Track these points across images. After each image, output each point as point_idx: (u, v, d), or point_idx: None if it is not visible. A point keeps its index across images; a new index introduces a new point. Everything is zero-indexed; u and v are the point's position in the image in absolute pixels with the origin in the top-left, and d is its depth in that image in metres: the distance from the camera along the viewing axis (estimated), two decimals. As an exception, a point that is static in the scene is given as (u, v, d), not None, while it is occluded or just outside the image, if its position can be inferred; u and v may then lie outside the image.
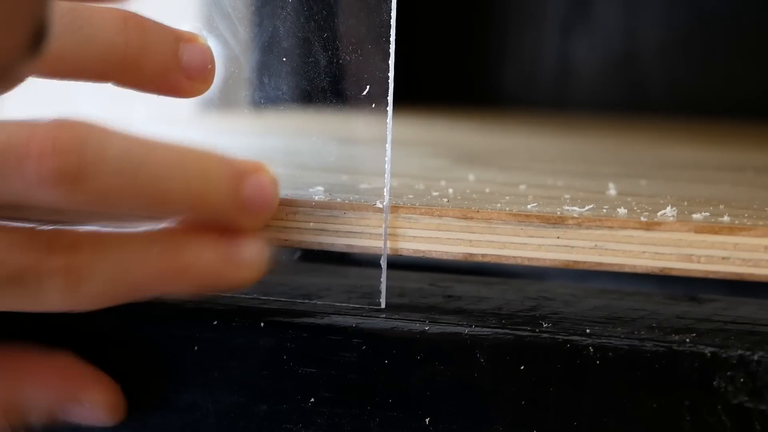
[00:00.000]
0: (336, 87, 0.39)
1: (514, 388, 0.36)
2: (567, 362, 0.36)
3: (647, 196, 0.44)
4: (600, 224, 0.37)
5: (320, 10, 0.39)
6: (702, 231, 0.36)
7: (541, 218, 0.37)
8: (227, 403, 0.39)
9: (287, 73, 0.40)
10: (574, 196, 0.43)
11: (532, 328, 0.37)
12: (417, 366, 0.37)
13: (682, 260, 0.36)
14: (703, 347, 0.35)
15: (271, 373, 0.38)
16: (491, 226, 0.38)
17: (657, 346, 0.35)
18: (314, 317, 0.38)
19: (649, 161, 0.66)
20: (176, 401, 0.39)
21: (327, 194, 0.40)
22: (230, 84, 0.42)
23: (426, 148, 0.68)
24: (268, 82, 0.41)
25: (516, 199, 0.41)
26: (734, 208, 0.41)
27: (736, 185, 0.53)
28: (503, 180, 0.50)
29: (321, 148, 0.41)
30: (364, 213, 0.39)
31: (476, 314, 0.39)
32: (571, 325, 0.37)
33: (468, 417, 0.37)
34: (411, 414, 0.37)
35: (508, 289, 0.43)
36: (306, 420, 0.38)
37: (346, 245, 0.39)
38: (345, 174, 0.43)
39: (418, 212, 0.38)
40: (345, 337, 0.38)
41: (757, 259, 0.36)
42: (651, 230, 0.37)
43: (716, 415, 0.35)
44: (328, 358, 0.38)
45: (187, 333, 0.39)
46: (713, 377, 0.35)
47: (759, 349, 0.35)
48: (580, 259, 0.37)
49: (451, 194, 0.42)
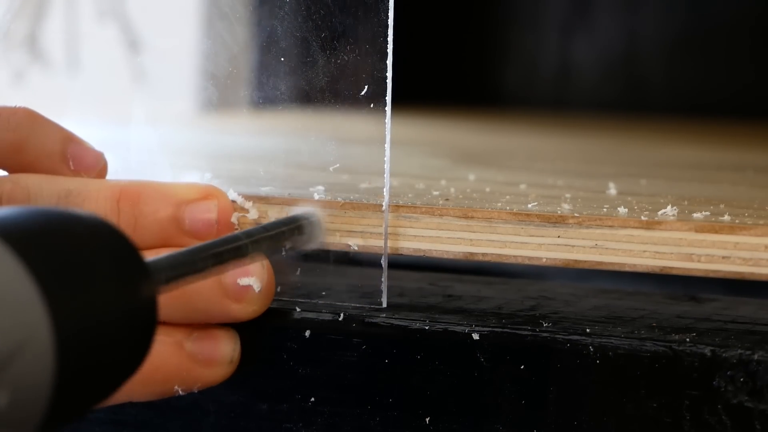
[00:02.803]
0: (334, 87, 0.39)
1: (514, 387, 0.36)
2: (567, 362, 0.36)
3: (647, 196, 0.44)
4: (600, 223, 0.37)
5: (318, 10, 0.39)
6: (702, 230, 0.36)
7: (542, 217, 0.37)
8: (228, 402, 0.39)
9: (286, 73, 0.40)
10: (575, 195, 0.43)
11: (532, 327, 0.37)
12: (417, 365, 0.37)
13: (682, 259, 0.36)
14: (703, 347, 0.35)
15: (271, 372, 0.38)
16: (492, 225, 0.38)
17: (657, 346, 0.35)
18: (315, 316, 0.38)
19: (649, 161, 0.66)
20: (175, 404, 0.39)
21: (327, 193, 0.40)
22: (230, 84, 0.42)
23: (426, 148, 0.68)
24: (266, 82, 0.40)
25: (516, 199, 0.41)
26: (734, 208, 0.40)
27: (736, 185, 0.53)
28: (503, 179, 0.50)
29: (320, 147, 0.41)
30: (364, 212, 0.39)
31: (476, 314, 0.38)
32: (572, 325, 0.37)
33: (468, 416, 0.37)
34: (411, 413, 0.37)
35: (508, 288, 0.43)
36: (306, 419, 0.38)
37: (346, 244, 0.39)
38: (346, 173, 0.43)
39: (418, 211, 0.38)
40: (345, 336, 0.37)
41: (758, 258, 0.36)
42: (651, 229, 0.37)
43: (716, 415, 0.35)
44: (329, 357, 0.38)
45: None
46: (713, 377, 0.35)
47: (759, 348, 0.35)
48: (581, 258, 0.37)
49: (452, 193, 0.42)
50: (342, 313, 0.38)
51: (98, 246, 0.28)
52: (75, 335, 0.27)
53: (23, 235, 0.27)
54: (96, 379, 0.28)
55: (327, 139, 0.40)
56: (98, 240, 0.28)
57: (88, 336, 0.27)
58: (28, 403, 0.26)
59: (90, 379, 0.27)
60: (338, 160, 0.41)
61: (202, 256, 0.33)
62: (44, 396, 0.26)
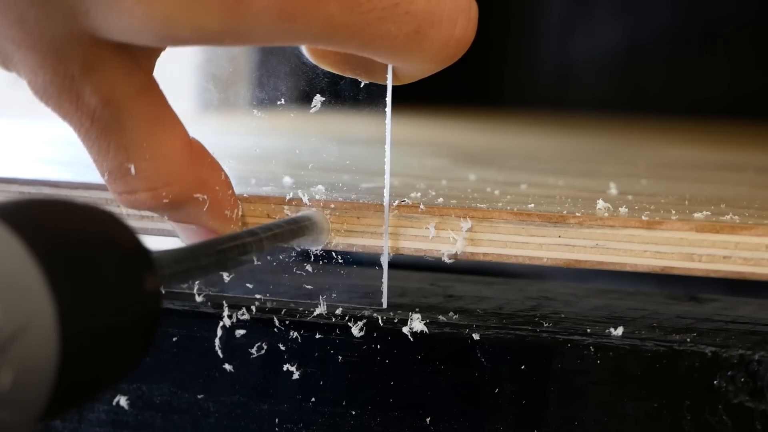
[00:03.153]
0: (335, 87, 0.39)
1: (514, 387, 0.36)
2: (568, 362, 0.36)
3: (648, 196, 0.44)
4: (601, 223, 0.37)
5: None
6: (703, 230, 0.36)
7: (543, 217, 0.37)
8: (228, 402, 0.39)
9: (286, 73, 0.40)
10: (575, 195, 0.43)
11: (532, 327, 0.37)
12: (418, 365, 0.37)
13: (683, 259, 0.36)
14: (703, 347, 0.35)
15: (272, 372, 0.38)
16: (493, 225, 0.38)
17: (658, 346, 0.35)
18: (315, 317, 0.38)
19: (649, 161, 0.66)
20: (177, 403, 0.39)
21: (328, 193, 0.39)
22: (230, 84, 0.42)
23: (426, 148, 0.68)
24: (267, 82, 0.40)
25: (517, 199, 0.41)
26: (735, 208, 0.40)
27: (737, 185, 0.53)
28: (504, 179, 0.50)
29: (321, 147, 0.41)
30: (365, 212, 0.39)
31: (477, 314, 0.38)
32: (572, 325, 0.37)
33: (469, 416, 0.37)
34: (412, 413, 0.37)
35: (509, 288, 0.43)
36: (306, 420, 0.38)
37: (347, 244, 0.39)
38: (346, 173, 0.43)
39: (419, 211, 0.38)
40: (346, 336, 0.37)
41: (759, 258, 0.36)
42: (652, 229, 0.37)
43: (717, 415, 0.35)
44: (329, 357, 0.38)
45: (188, 332, 0.39)
46: (714, 377, 0.35)
47: (759, 348, 0.35)
48: (582, 258, 0.37)
49: (452, 193, 0.42)
50: (342, 313, 0.38)
51: (104, 236, 0.28)
52: (79, 320, 0.27)
53: (27, 220, 0.27)
54: (98, 367, 0.28)
55: (327, 139, 0.40)
56: (104, 230, 0.29)
57: (92, 322, 0.27)
58: (32, 386, 0.26)
59: (93, 365, 0.28)
60: (339, 160, 0.41)
61: (206, 252, 0.33)
62: (48, 379, 0.26)
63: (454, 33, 0.34)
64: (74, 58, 0.34)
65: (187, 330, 0.39)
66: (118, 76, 0.34)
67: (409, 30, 0.34)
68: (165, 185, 0.36)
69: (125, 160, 0.35)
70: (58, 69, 0.34)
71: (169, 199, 0.36)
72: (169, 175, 0.36)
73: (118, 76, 0.34)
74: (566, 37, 1.09)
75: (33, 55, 0.33)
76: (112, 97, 0.34)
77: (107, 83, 0.34)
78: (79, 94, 0.34)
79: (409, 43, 0.34)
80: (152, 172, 0.36)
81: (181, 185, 0.36)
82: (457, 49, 0.35)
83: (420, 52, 0.35)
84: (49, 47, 0.33)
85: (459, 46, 0.35)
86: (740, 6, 1.05)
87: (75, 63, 0.34)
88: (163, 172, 0.36)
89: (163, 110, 0.36)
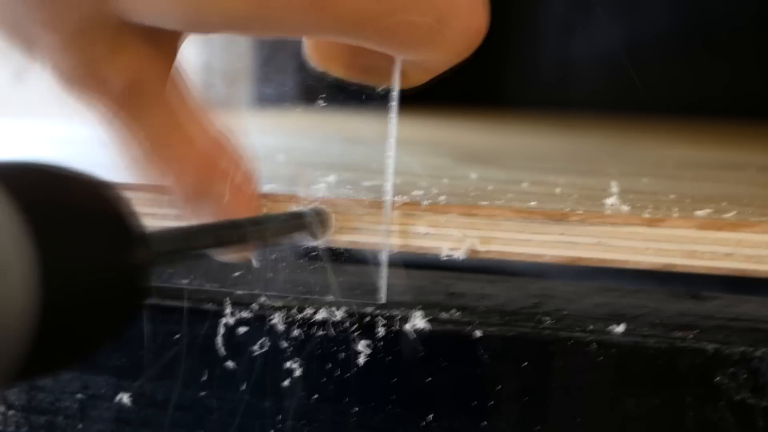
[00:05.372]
0: (339, 84, 0.39)
1: (516, 384, 0.36)
2: (570, 359, 0.36)
3: (649, 194, 0.44)
4: (603, 221, 0.37)
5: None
6: (705, 227, 0.36)
7: (545, 215, 0.37)
8: (230, 399, 0.39)
9: (291, 71, 0.40)
10: (577, 193, 0.43)
11: (534, 324, 0.37)
12: (420, 363, 0.37)
13: (685, 256, 0.36)
14: (705, 344, 0.35)
15: (272, 369, 0.38)
16: (495, 222, 0.38)
17: (659, 343, 0.35)
18: (315, 313, 0.38)
19: (650, 160, 0.66)
20: (179, 400, 0.39)
21: (330, 190, 0.40)
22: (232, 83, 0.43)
23: (427, 147, 0.68)
24: (271, 80, 0.41)
25: (519, 197, 0.41)
26: (737, 205, 0.40)
27: (737, 183, 0.53)
28: (505, 178, 0.50)
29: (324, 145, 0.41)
30: (367, 209, 0.39)
31: (479, 311, 0.39)
32: (574, 322, 0.37)
33: (471, 413, 0.37)
34: (414, 410, 0.37)
35: (511, 286, 0.43)
36: (308, 417, 0.38)
37: (348, 241, 0.39)
38: (348, 171, 0.43)
39: (420, 209, 0.38)
40: (348, 333, 0.38)
41: (760, 255, 0.36)
42: (654, 227, 0.37)
43: (719, 412, 0.35)
44: (329, 354, 0.38)
45: (190, 329, 0.39)
46: (715, 374, 0.35)
47: (761, 345, 0.35)
48: (584, 255, 0.37)
49: (454, 192, 0.42)
50: (342, 309, 0.38)
51: (97, 201, 0.28)
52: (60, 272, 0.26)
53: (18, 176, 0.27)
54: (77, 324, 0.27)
55: (331, 137, 0.40)
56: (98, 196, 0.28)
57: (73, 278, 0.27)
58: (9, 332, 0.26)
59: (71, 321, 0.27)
60: (341, 157, 0.41)
61: (202, 234, 0.33)
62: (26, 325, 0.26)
63: (473, 22, 0.35)
64: (101, 40, 0.33)
65: (189, 327, 0.39)
66: (144, 60, 0.34)
67: (431, 19, 0.34)
68: (187, 173, 0.36)
69: (149, 148, 0.35)
70: (85, 51, 0.33)
71: (190, 189, 0.36)
72: (192, 164, 0.36)
73: (144, 60, 0.34)
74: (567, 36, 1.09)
75: (59, 37, 0.33)
76: (138, 81, 0.34)
77: (133, 67, 0.34)
78: (105, 78, 0.34)
79: (431, 33, 0.34)
80: (176, 160, 0.35)
81: (203, 175, 0.36)
82: (476, 37, 0.35)
83: (442, 42, 0.35)
84: (76, 28, 0.33)
85: (478, 34, 0.35)
86: (740, 6, 1.05)
87: (101, 45, 0.33)
88: (187, 160, 0.36)
89: (188, 97, 0.36)
